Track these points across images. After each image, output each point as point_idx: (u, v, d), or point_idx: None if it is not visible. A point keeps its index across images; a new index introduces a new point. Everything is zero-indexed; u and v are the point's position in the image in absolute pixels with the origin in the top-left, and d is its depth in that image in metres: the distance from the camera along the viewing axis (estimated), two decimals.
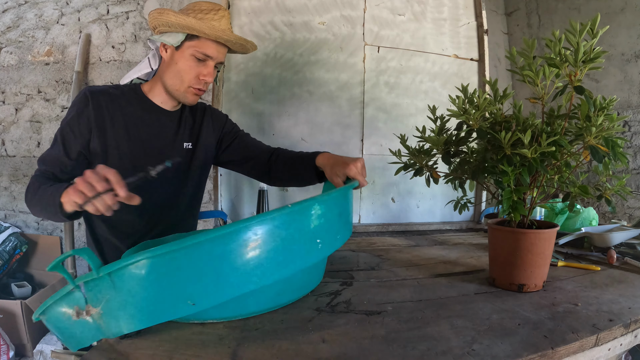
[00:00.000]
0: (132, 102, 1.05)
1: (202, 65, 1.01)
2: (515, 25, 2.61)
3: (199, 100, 1.09)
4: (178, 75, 1.01)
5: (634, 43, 1.93)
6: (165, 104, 1.08)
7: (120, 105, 1.02)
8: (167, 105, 1.09)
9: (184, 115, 1.13)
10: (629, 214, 1.97)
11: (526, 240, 0.85)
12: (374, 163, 1.98)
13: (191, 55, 0.99)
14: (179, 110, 1.12)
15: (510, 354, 0.59)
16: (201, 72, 1.01)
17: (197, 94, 1.04)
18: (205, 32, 0.96)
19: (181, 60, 1.00)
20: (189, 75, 1.00)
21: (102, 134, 0.99)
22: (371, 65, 1.96)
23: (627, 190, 0.88)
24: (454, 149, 0.96)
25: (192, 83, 1.01)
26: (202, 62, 1.00)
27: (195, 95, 1.04)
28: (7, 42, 2.42)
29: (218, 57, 1.02)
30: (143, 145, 1.04)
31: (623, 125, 1.97)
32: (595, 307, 0.78)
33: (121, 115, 1.02)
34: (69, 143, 0.97)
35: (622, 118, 0.79)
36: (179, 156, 1.10)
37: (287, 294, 0.76)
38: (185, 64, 1.00)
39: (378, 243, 1.46)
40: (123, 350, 0.59)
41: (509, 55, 0.85)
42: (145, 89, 1.08)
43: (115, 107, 1.01)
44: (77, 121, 0.97)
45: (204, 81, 1.02)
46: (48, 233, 2.62)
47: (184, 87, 1.02)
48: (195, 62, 1.00)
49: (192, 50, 0.98)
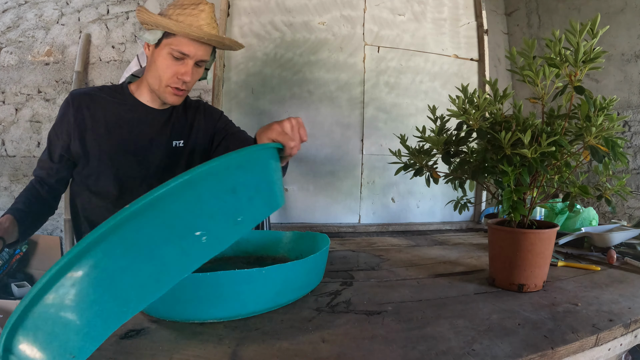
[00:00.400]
0: (117, 102, 1.03)
1: (180, 64, 0.97)
2: (515, 25, 2.61)
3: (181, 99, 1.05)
4: (156, 74, 0.98)
5: (634, 43, 1.93)
6: (152, 103, 1.05)
7: (102, 106, 1.01)
8: (155, 103, 1.06)
9: (175, 113, 1.10)
10: (629, 214, 1.97)
11: (526, 240, 0.85)
12: (374, 163, 1.98)
13: (168, 54, 0.95)
14: (169, 108, 1.10)
15: (510, 354, 0.59)
16: (179, 70, 0.97)
17: (176, 94, 1.00)
18: (173, 29, 0.93)
19: (159, 58, 0.96)
20: (166, 74, 0.97)
21: (82, 136, 1.00)
22: (371, 65, 1.96)
23: (627, 190, 0.88)
24: (454, 149, 0.96)
25: (170, 82, 0.98)
26: (180, 61, 0.96)
27: (175, 95, 1.00)
28: (7, 42, 2.42)
29: (197, 55, 0.97)
30: (123, 144, 1.02)
31: (623, 125, 1.97)
32: (595, 307, 0.78)
33: (103, 115, 1.01)
34: (53, 147, 1.01)
35: (622, 118, 0.79)
36: (166, 154, 1.06)
37: (287, 294, 0.76)
38: (163, 63, 0.96)
39: (378, 243, 1.46)
40: (123, 350, 0.59)
41: (509, 55, 0.85)
42: (133, 88, 1.06)
43: (97, 108, 1.01)
44: (59, 125, 1.00)
45: (182, 80, 0.98)
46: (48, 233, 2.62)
47: (162, 86, 0.99)
48: (172, 61, 0.96)
49: (168, 49, 0.95)
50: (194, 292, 0.66)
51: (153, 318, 0.70)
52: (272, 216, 1.72)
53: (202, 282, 0.65)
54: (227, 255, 1.02)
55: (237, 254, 1.03)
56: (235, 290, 0.67)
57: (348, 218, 1.96)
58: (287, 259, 0.98)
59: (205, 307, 0.67)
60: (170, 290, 0.67)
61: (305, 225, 1.84)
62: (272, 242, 1.04)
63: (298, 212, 1.91)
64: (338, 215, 1.95)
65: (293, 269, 0.74)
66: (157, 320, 0.70)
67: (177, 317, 0.68)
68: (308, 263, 0.76)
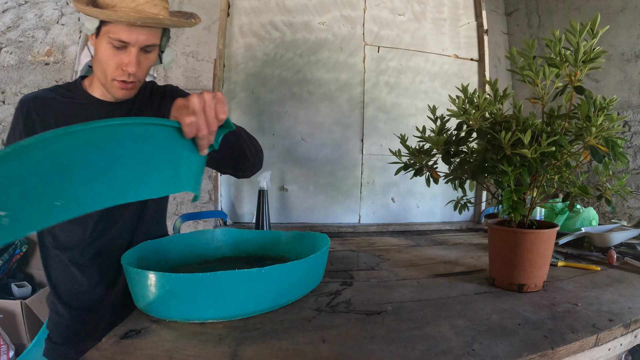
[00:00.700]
0: (69, 101, 0.94)
1: (123, 53, 0.85)
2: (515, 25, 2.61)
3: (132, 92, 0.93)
4: (101, 67, 0.87)
5: (634, 43, 1.93)
6: (107, 97, 0.94)
7: (53, 107, 0.92)
8: (109, 97, 0.95)
9: (137, 103, 0.99)
10: (629, 214, 1.97)
11: (526, 240, 0.85)
12: (374, 163, 1.98)
13: (108, 43, 0.84)
14: (130, 100, 0.97)
15: (510, 354, 0.59)
16: (122, 61, 0.86)
17: (124, 87, 0.89)
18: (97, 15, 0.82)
19: (100, 49, 0.86)
20: (109, 66, 0.86)
21: None
22: (371, 65, 1.96)
23: (627, 190, 0.88)
24: (454, 149, 0.96)
25: (115, 75, 0.87)
26: (122, 50, 0.85)
27: (123, 89, 0.89)
28: (7, 42, 2.42)
29: (139, 41, 0.85)
30: None
31: (623, 125, 1.97)
32: (595, 307, 0.78)
33: (53, 116, 0.92)
34: None
35: (622, 118, 0.79)
36: None
37: (287, 294, 0.76)
38: (104, 53, 0.85)
39: (378, 243, 1.46)
40: (123, 350, 0.59)
41: (509, 55, 0.85)
42: (86, 83, 0.96)
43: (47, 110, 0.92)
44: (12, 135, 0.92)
45: (127, 72, 0.87)
46: None
47: (107, 80, 0.88)
48: (113, 50, 0.85)
49: (107, 37, 0.84)
50: (194, 292, 0.66)
51: (153, 318, 0.70)
52: (272, 216, 1.72)
53: (202, 282, 0.65)
54: (227, 255, 1.02)
55: (237, 254, 1.03)
56: (235, 290, 0.67)
57: (348, 218, 1.96)
58: (287, 259, 0.98)
59: (205, 307, 0.67)
60: (170, 290, 0.67)
61: (305, 225, 1.84)
62: (272, 242, 1.04)
63: (298, 212, 1.91)
64: (338, 215, 1.95)
65: (293, 269, 0.74)
66: (157, 320, 0.70)
67: (177, 317, 0.68)
68: (308, 263, 0.76)
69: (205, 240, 1.02)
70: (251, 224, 1.83)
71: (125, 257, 0.77)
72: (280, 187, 1.87)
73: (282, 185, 1.88)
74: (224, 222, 1.79)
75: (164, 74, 2.66)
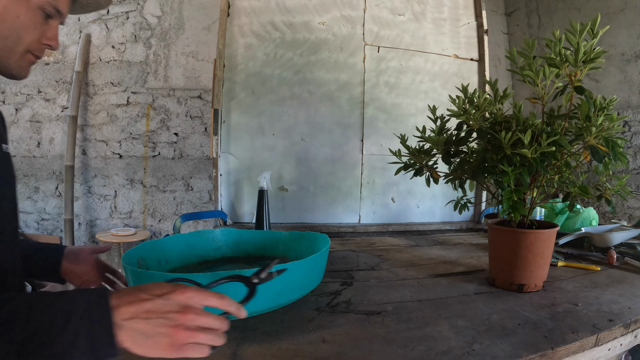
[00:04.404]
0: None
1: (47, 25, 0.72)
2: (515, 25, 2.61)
3: None
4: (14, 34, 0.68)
5: (634, 43, 1.93)
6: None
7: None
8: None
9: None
10: (629, 214, 1.97)
11: (526, 240, 0.85)
12: (374, 163, 1.98)
13: (39, 8, 0.69)
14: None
15: (510, 354, 0.59)
16: (45, 33, 0.72)
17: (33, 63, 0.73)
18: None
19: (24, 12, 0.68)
20: (31, 36, 0.70)
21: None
22: (371, 65, 1.96)
23: (627, 190, 0.88)
24: (454, 149, 0.96)
25: (33, 47, 0.71)
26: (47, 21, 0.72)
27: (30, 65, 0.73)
28: None
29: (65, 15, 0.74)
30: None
31: (623, 125, 1.97)
32: (595, 307, 0.78)
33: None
34: None
35: (622, 118, 0.79)
36: None
37: (287, 294, 0.76)
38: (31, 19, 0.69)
39: (378, 243, 1.46)
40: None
41: (509, 55, 0.85)
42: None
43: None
44: None
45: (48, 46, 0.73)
46: (48, 233, 2.62)
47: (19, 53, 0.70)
48: (41, 19, 0.70)
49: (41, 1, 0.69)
50: None
51: None
52: (272, 216, 1.72)
53: (202, 282, 0.65)
54: (227, 255, 1.02)
55: (237, 254, 1.03)
56: (235, 291, 0.67)
57: (348, 218, 1.96)
58: (287, 259, 0.98)
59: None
60: None
61: (305, 225, 1.84)
62: (272, 242, 1.04)
63: (298, 212, 1.91)
64: (338, 215, 1.95)
65: (293, 269, 0.74)
66: None
67: None
68: (308, 263, 0.76)
69: (205, 240, 1.02)
70: (251, 224, 1.83)
71: (126, 257, 0.77)
72: (280, 187, 1.87)
73: (282, 185, 1.88)
74: (224, 222, 1.79)
75: (164, 74, 2.66)
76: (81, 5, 0.79)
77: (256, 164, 1.85)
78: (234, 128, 1.84)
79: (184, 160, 2.69)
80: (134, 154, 2.66)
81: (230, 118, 1.83)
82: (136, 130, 2.66)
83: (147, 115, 2.66)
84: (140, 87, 2.64)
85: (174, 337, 0.45)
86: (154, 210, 2.66)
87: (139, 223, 2.67)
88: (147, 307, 0.46)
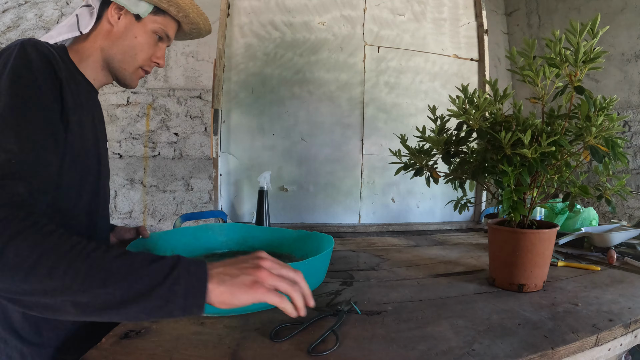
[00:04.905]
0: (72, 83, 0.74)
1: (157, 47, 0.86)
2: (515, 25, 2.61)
3: None
4: (132, 52, 0.82)
5: (634, 43, 1.93)
6: (97, 81, 0.84)
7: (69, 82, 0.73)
8: (98, 82, 0.85)
9: None
10: (629, 214, 1.97)
11: (526, 240, 0.85)
12: (374, 163, 1.98)
13: (154, 32, 0.83)
14: None
15: (510, 354, 0.59)
16: (155, 53, 0.85)
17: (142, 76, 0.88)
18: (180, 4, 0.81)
19: (141, 34, 0.82)
20: (145, 54, 0.83)
21: None
22: (371, 65, 1.96)
23: (627, 190, 0.88)
24: (454, 149, 0.96)
25: (144, 64, 0.85)
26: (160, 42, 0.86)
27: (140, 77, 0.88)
28: (7, 42, 2.42)
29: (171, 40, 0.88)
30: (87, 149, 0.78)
31: (623, 125, 1.97)
32: (595, 307, 0.78)
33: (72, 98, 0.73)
34: None
35: (622, 118, 0.79)
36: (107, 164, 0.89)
37: None
38: (146, 41, 0.82)
39: (378, 243, 1.46)
40: (123, 350, 0.59)
41: (509, 55, 0.85)
42: (75, 58, 0.79)
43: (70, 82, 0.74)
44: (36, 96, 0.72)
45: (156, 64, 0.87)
46: None
47: (134, 67, 0.84)
48: (154, 41, 0.84)
49: (155, 26, 0.82)
50: None
51: None
52: (272, 216, 1.72)
53: None
54: (233, 250, 1.02)
55: (243, 249, 1.03)
56: None
57: (348, 218, 1.96)
58: (292, 258, 0.98)
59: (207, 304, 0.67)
60: None
61: (305, 225, 1.84)
62: (279, 239, 1.03)
63: (298, 212, 1.91)
64: (338, 215, 1.95)
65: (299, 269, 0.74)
66: (157, 320, 0.70)
67: None
68: (310, 264, 0.76)
69: (213, 233, 1.02)
70: (251, 224, 1.83)
71: (131, 248, 0.77)
72: (280, 187, 1.87)
73: (282, 185, 1.88)
74: (223, 222, 1.79)
75: (164, 74, 2.66)
76: (184, 33, 0.92)
77: (256, 164, 1.85)
78: (234, 128, 1.84)
79: (184, 160, 2.69)
80: (134, 154, 2.66)
81: (230, 118, 1.83)
82: (136, 130, 2.66)
83: (147, 115, 2.66)
84: (140, 87, 2.64)
85: (257, 275, 0.53)
86: (154, 210, 2.66)
87: (139, 223, 2.67)
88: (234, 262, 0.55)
